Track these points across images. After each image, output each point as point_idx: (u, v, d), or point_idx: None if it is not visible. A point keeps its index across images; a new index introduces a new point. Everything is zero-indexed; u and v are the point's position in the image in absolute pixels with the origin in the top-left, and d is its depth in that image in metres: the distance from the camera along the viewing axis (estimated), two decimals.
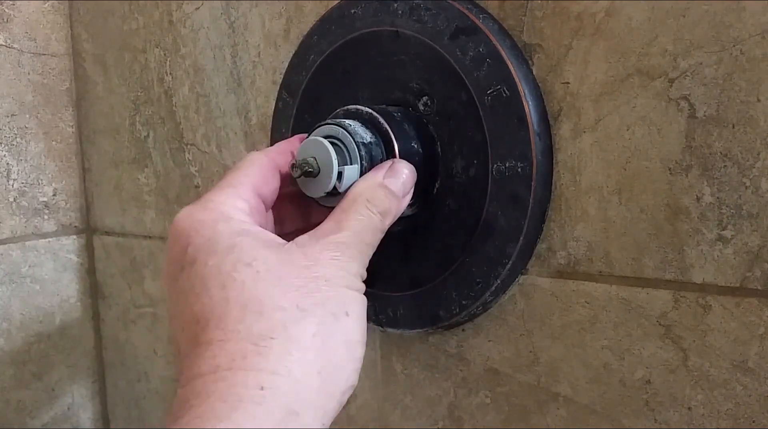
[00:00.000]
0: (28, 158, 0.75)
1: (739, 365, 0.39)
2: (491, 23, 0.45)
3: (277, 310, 0.29)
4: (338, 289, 0.31)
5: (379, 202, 0.37)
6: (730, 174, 0.38)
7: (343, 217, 0.35)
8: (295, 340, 0.28)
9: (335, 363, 0.29)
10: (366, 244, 0.35)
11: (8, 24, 0.72)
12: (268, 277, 0.30)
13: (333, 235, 0.34)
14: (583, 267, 0.44)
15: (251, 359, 0.27)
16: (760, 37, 0.36)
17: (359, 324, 0.31)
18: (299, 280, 0.30)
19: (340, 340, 0.30)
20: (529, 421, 0.47)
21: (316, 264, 0.32)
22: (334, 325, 0.30)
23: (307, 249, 0.32)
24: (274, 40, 0.59)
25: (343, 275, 0.32)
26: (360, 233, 0.35)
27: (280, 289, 0.30)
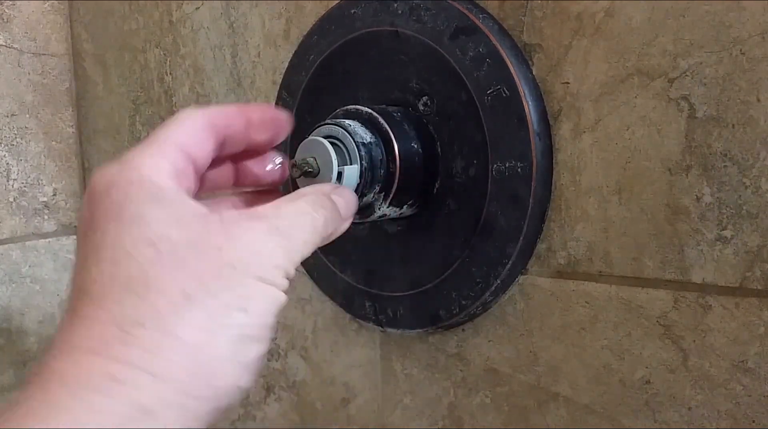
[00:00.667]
0: (28, 158, 0.75)
1: (739, 365, 0.39)
2: (491, 23, 0.45)
3: (160, 296, 0.26)
4: (244, 279, 0.27)
5: (324, 206, 0.33)
6: (730, 174, 0.38)
7: (284, 204, 0.31)
8: (169, 332, 0.25)
9: (216, 362, 0.26)
10: (300, 240, 0.30)
11: (8, 24, 0.72)
12: (167, 260, 0.27)
13: (267, 217, 0.30)
14: (583, 267, 0.44)
15: (113, 346, 0.25)
16: (760, 37, 0.36)
17: (258, 322, 0.27)
18: (203, 264, 0.27)
19: (228, 337, 0.26)
20: (529, 421, 0.47)
21: (232, 246, 0.28)
22: (223, 319, 0.26)
23: (229, 227, 0.28)
24: (274, 40, 0.59)
25: (258, 263, 0.28)
26: (297, 226, 0.31)
27: (175, 273, 0.26)
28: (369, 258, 0.52)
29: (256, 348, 0.27)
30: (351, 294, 0.53)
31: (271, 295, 0.28)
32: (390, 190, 0.44)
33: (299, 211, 0.31)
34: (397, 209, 0.46)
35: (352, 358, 0.57)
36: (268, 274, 0.28)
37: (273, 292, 0.28)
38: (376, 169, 0.43)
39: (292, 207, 0.31)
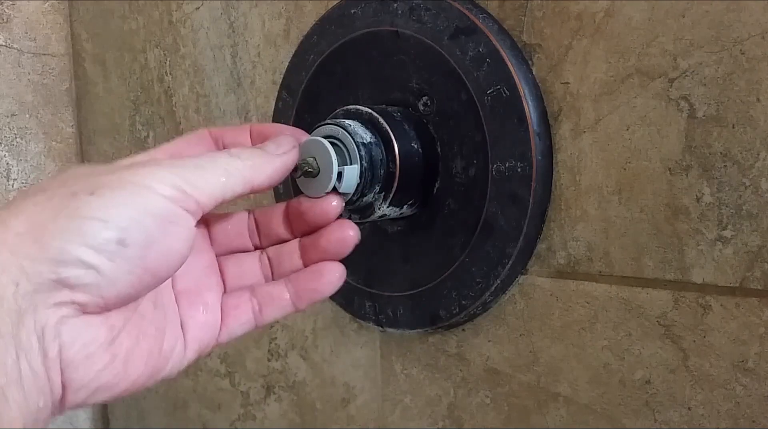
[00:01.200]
0: (28, 158, 0.75)
1: (739, 365, 0.39)
2: (491, 23, 0.45)
3: (24, 191, 0.29)
4: (110, 176, 0.29)
5: (243, 150, 0.34)
6: (729, 174, 0.38)
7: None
8: (10, 208, 0.28)
9: (43, 231, 0.27)
10: (202, 169, 0.31)
11: (8, 24, 0.72)
12: (68, 174, 0.30)
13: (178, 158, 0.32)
14: (583, 267, 0.44)
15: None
16: (760, 37, 0.36)
17: (103, 203, 0.28)
18: (87, 174, 0.29)
19: (66, 213, 0.27)
20: (529, 421, 0.47)
21: (126, 167, 0.30)
22: (65, 200, 0.28)
23: (147, 160, 0.31)
24: (274, 40, 0.59)
25: (137, 173, 0.29)
26: (201, 162, 0.32)
27: (58, 179, 0.29)
28: (369, 258, 0.52)
29: (98, 227, 0.27)
30: (351, 294, 0.53)
31: (133, 191, 0.29)
32: (390, 190, 0.44)
33: (209, 153, 0.33)
34: (397, 209, 0.46)
35: (352, 358, 0.57)
36: (142, 179, 0.29)
37: (139, 190, 0.29)
38: (376, 169, 0.43)
39: (210, 154, 0.33)
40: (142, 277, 0.29)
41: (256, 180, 0.33)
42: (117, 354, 0.30)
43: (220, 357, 0.68)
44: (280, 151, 0.35)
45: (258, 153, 0.34)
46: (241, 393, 0.66)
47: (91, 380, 0.29)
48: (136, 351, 0.31)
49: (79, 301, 0.28)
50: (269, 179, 0.34)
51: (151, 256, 0.29)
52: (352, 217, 0.46)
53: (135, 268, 0.28)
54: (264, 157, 0.34)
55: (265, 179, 0.34)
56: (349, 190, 0.42)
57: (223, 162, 0.32)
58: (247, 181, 0.33)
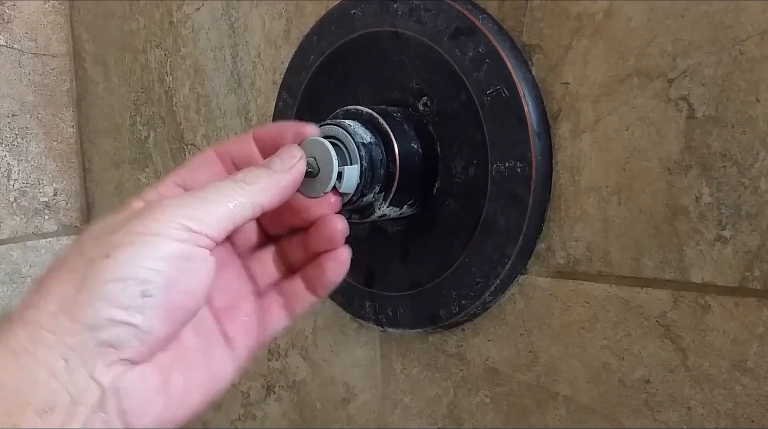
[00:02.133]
0: (29, 158, 0.75)
1: (739, 365, 0.39)
2: (491, 24, 0.45)
3: (47, 273, 0.30)
4: (120, 233, 0.30)
5: (248, 174, 0.34)
6: (729, 174, 0.38)
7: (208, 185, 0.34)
8: (39, 291, 0.30)
9: (73, 304, 0.29)
10: (208, 203, 0.32)
11: (8, 24, 0.73)
12: (83, 240, 0.31)
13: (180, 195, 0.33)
14: (583, 267, 0.44)
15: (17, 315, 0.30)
16: (759, 38, 0.36)
17: (118, 264, 0.29)
18: (101, 234, 0.31)
19: (88, 283, 0.29)
20: (528, 420, 0.47)
21: (133, 217, 0.31)
22: (84, 269, 0.29)
23: (146, 206, 0.32)
24: (275, 41, 0.59)
25: (145, 221, 0.30)
26: (207, 195, 0.32)
27: (75, 249, 0.31)
28: (369, 258, 0.52)
29: (121, 290, 0.29)
30: (351, 294, 0.53)
31: (144, 243, 0.30)
32: (390, 190, 0.44)
33: (215, 183, 0.34)
34: (397, 209, 0.46)
35: (352, 357, 0.57)
36: (159, 228, 0.30)
37: (150, 240, 0.30)
38: (376, 169, 0.43)
39: (211, 183, 0.34)
40: (174, 316, 0.30)
41: (265, 202, 0.34)
42: (172, 392, 0.31)
43: None
44: (286, 166, 0.35)
45: (264, 174, 0.34)
46: (241, 393, 0.66)
47: (152, 421, 0.30)
48: (190, 383, 0.33)
49: (126, 357, 0.29)
50: (278, 199, 0.35)
51: (177, 296, 0.30)
52: (352, 217, 0.46)
53: (165, 312, 0.30)
54: (271, 177, 0.34)
55: (273, 200, 0.34)
56: (349, 190, 0.42)
57: (229, 191, 0.33)
58: (257, 205, 0.33)
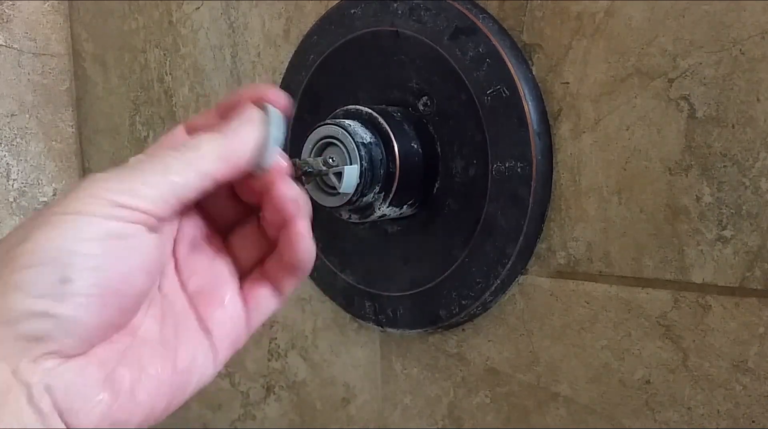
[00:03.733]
0: (28, 158, 0.75)
1: (739, 365, 0.39)
2: (491, 23, 0.45)
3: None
4: (39, 217, 0.27)
5: (191, 139, 0.30)
6: (729, 174, 0.38)
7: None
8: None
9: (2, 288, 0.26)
10: (145, 174, 0.28)
11: (8, 24, 0.72)
12: (9, 233, 0.28)
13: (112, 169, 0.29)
14: (583, 267, 0.44)
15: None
16: (759, 37, 0.36)
17: (35, 247, 0.26)
18: (26, 221, 0.28)
19: (6, 271, 0.26)
20: (529, 420, 0.47)
21: (68, 193, 0.27)
22: (3, 260, 0.26)
23: (78, 183, 0.28)
24: (274, 40, 0.59)
25: (70, 198, 0.27)
26: (145, 166, 0.29)
27: (2, 240, 0.28)
28: (369, 258, 0.52)
29: (33, 273, 0.26)
30: (351, 294, 0.53)
31: (64, 222, 0.27)
32: (390, 190, 0.44)
33: (163, 155, 0.29)
34: (397, 209, 0.46)
35: (352, 358, 0.57)
36: (70, 206, 0.27)
37: (71, 219, 0.27)
38: (376, 169, 0.43)
39: (158, 154, 0.29)
40: (107, 303, 0.27)
41: (218, 172, 0.29)
42: (119, 389, 0.27)
43: None
44: (242, 130, 0.31)
45: (216, 139, 0.30)
46: (241, 393, 0.66)
47: (99, 420, 0.27)
48: (144, 379, 0.28)
49: (54, 350, 0.26)
50: (235, 167, 0.30)
51: (107, 281, 0.27)
52: (351, 217, 0.46)
53: (94, 299, 0.26)
54: (223, 142, 0.30)
55: (229, 169, 0.30)
56: (349, 190, 0.42)
57: (169, 159, 0.29)
58: (207, 175, 0.29)
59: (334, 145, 0.42)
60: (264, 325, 0.64)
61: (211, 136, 0.30)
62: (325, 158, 0.42)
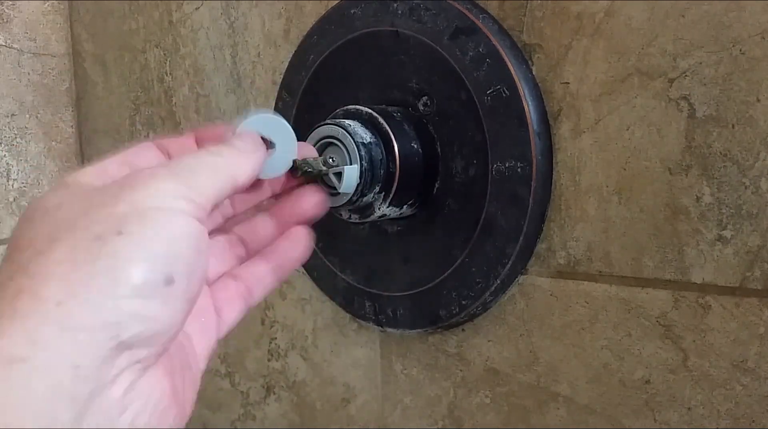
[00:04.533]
0: (28, 158, 0.75)
1: (739, 365, 0.39)
2: (491, 23, 0.45)
3: (27, 247, 0.24)
4: (121, 205, 0.25)
5: (220, 148, 0.30)
6: (729, 174, 0.38)
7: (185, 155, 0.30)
8: (32, 275, 0.23)
9: (87, 292, 0.23)
10: (196, 173, 0.28)
11: (8, 24, 0.72)
12: (60, 214, 0.25)
13: (166, 165, 0.28)
14: (583, 267, 0.44)
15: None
16: (760, 37, 0.36)
17: (138, 243, 0.24)
18: (86, 206, 0.25)
19: (103, 265, 0.23)
20: (529, 421, 0.47)
21: (124, 186, 0.26)
22: (92, 247, 0.23)
23: (129, 175, 0.27)
24: (274, 41, 0.59)
25: (145, 192, 0.25)
26: (190, 164, 0.28)
27: (57, 224, 0.25)
28: (369, 258, 0.52)
29: (137, 270, 0.24)
30: (351, 294, 0.53)
31: (157, 218, 0.25)
32: (390, 190, 0.44)
33: (194, 154, 0.30)
34: (397, 209, 0.46)
35: (352, 358, 0.57)
36: (155, 199, 0.25)
37: (158, 213, 0.25)
38: (376, 169, 0.43)
39: (186, 155, 0.29)
40: (191, 307, 0.26)
41: (239, 178, 0.30)
42: (180, 400, 0.26)
43: (220, 357, 0.67)
44: (249, 147, 0.32)
45: (233, 150, 0.30)
46: (241, 393, 0.66)
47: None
48: (186, 385, 0.28)
49: (141, 359, 0.24)
50: (249, 177, 0.31)
51: (194, 283, 0.25)
52: (351, 217, 0.46)
53: (186, 303, 0.25)
54: (240, 153, 0.31)
55: (245, 177, 0.30)
56: (349, 190, 0.42)
57: (210, 160, 0.29)
58: (232, 180, 0.29)
59: (334, 145, 0.42)
60: (264, 325, 0.64)
61: (234, 148, 0.31)
62: (325, 158, 0.42)
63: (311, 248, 0.34)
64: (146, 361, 0.24)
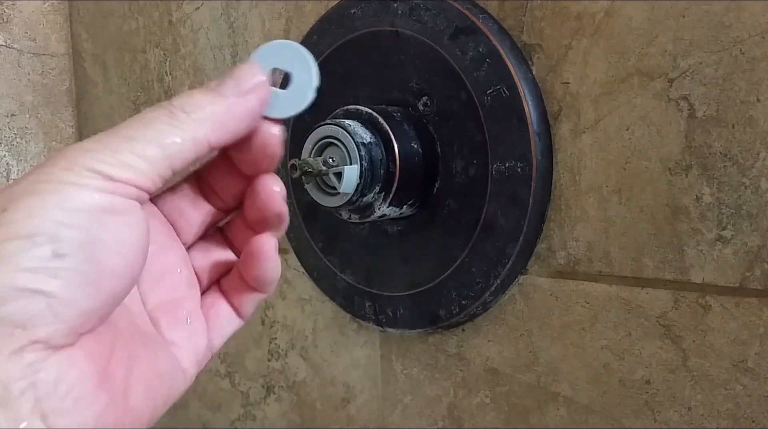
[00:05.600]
0: (28, 158, 0.75)
1: (739, 365, 0.39)
2: (491, 23, 0.45)
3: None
4: (19, 185, 0.24)
5: (184, 98, 0.27)
6: (729, 174, 0.38)
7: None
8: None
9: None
10: (137, 140, 0.25)
11: (8, 24, 0.72)
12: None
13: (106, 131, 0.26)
14: (583, 267, 0.44)
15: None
16: (760, 37, 0.36)
17: (22, 216, 0.23)
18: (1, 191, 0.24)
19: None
20: (528, 421, 0.47)
21: (43, 164, 0.24)
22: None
23: (58, 151, 0.25)
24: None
25: (59, 169, 0.24)
26: (133, 126, 0.26)
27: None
28: (369, 258, 0.52)
29: (24, 244, 0.23)
30: (351, 294, 0.53)
31: (52, 192, 0.23)
32: (390, 190, 0.44)
33: (148, 118, 0.26)
34: (397, 209, 0.46)
35: (352, 358, 0.57)
36: (53, 175, 0.24)
37: (59, 188, 0.23)
38: (376, 169, 0.43)
39: (143, 116, 0.26)
40: (102, 285, 0.24)
41: (213, 137, 0.26)
42: (113, 388, 0.24)
43: (220, 357, 0.68)
44: (241, 89, 0.27)
45: (210, 100, 0.27)
46: (241, 393, 0.66)
47: (87, 421, 0.23)
48: (133, 379, 0.25)
49: (41, 338, 0.22)
50: (230, 133, 0.27)
51: (100, 257, 0.24)
52: (351, 217, 0.46)
53: (89, 277, 0.23)
54: (219, 103, 0.27)
55: (224, 134, 0.27)
56: (349, 190, 0.42)
57: (161, 124, 0.26)
58: (200, 142, 0.26)
59: (334, 145, 0.42)
60: (264, 325, 0.64)
61: (213, 96, 0.27)
62: (325, 158, 0.42)
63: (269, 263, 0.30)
64: (51, 342, 0.23)
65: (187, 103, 0.26)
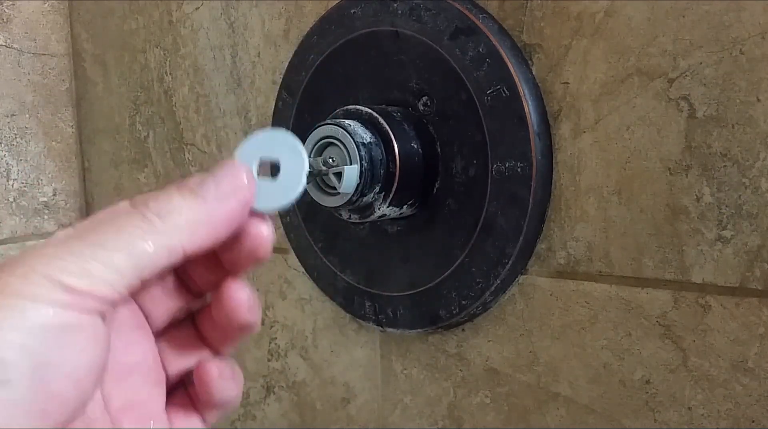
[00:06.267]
0: (28, 158, 0.75)
1: (739, 365, 0.39)
2: (491, 23, 0.45)
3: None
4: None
5: (160, 201, 0.25)
6: (729, 174, 0.38)
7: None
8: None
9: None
10: (105, 246, 0.23)
11: (8, 24, 0.72)
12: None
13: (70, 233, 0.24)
14: (583, 267, 0.44)
15: None
16: (759, 37, 0.36)
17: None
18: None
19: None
20: (528, 421, 0.47)
21: (7, 265, 0.22)
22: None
23: (20, 255, 0.23)
24: (274, 40, 0.59)
25: (16, 278, 0.22)
26: (101, 231, 0.23)
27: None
28: (369, 258, 0.52)
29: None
30: (351, 294, 0.53)
31: (4, 308, 0.21)
32: (390, 190, 0.44)
33: (119, 223, 0.24)
34: (397, 209, 0.46)
35: (352, 358, 0.57)
36: (8, 287, 0.22)
37: (12, 304, 0.21)
38: (376, 169, 0.43)
39: (113, 220, 0.24)
40: (49, 411, 0.22)
41: (189, 244, 0.24)
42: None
43: None
44: (221, 192, 0.25)
45: (188, 204, 0.25)
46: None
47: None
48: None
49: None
50: (208, 239, 0.25)
51: (48, 383, 0.21)
52: (351, 217, 0.46)
53: (33, 405, 0.21)
54: (196, 208, 0.25)
55: (201, 241, 0.25)
56: (349, 190, 0.42)
57: (134, 229, 0.24)
58: (175, 250, 0.24)
59: (334, 145, 0.42)
60: (264, 325, 0.64)
61: (191, 201, 0.25)
62: (325, 158, 0.42)
63: (227, 385, 0.28)
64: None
65: (163, 207, 0.24)
